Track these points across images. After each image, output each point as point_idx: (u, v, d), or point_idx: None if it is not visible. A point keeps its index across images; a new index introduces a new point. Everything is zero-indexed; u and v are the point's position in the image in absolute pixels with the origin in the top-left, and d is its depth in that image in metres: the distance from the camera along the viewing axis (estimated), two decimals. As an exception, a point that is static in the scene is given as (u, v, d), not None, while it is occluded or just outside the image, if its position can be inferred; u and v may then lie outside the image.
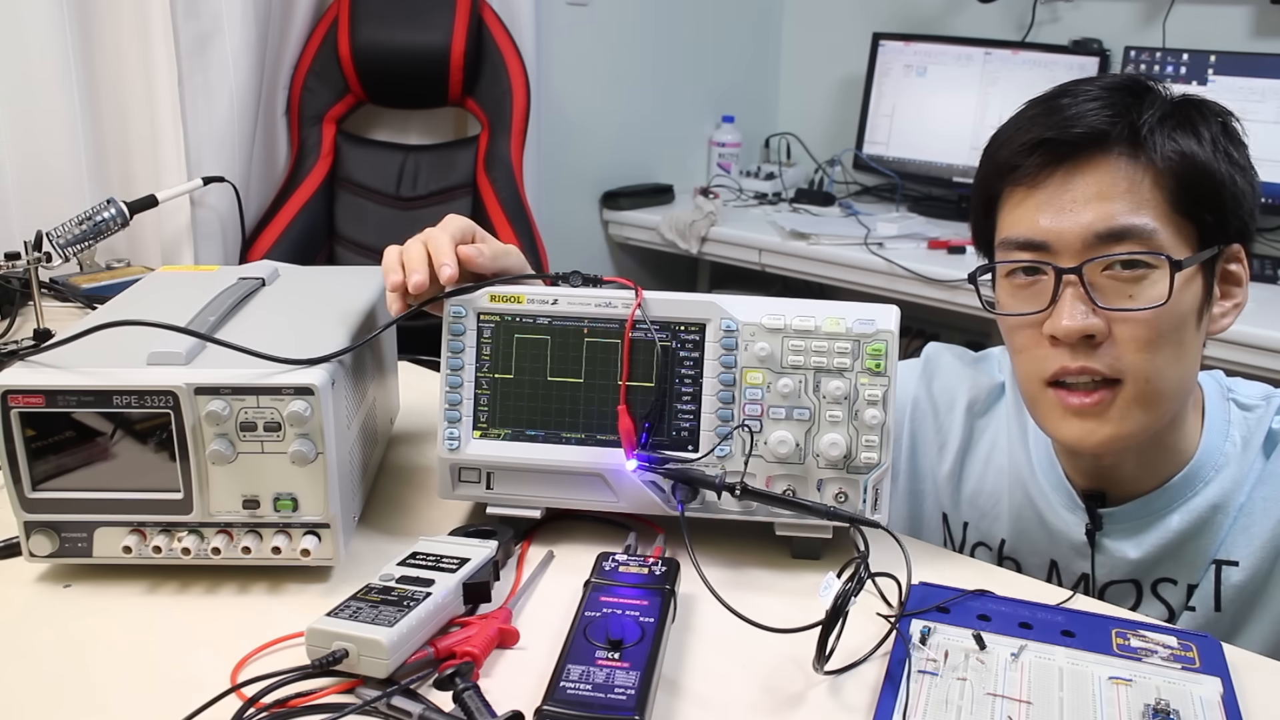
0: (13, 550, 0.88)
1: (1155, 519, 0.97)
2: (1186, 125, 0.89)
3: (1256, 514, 0.96)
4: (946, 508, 1.11)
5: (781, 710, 0.73)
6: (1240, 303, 0.94)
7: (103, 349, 0.84)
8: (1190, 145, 0.88)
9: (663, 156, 3.12)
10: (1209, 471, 0.97)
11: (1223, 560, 0.97)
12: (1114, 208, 0.87)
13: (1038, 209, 0.89)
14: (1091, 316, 0.87)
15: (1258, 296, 2.15)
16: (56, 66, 1.94)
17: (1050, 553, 1.03)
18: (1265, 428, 0.98)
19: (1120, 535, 0.98)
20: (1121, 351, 0.88)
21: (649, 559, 0.84)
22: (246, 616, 0.82)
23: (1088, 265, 0.87)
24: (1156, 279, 0.87)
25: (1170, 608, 0.99)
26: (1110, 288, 0.87)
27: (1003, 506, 1.06)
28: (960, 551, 1.10)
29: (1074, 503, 1.00)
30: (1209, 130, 0.89)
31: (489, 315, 0.91)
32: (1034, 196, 0.90)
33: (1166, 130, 0.88)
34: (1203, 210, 0.88)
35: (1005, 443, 1.07)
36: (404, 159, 2.43)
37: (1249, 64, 2.44)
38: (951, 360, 1.14)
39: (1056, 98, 0.91)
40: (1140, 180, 0.87)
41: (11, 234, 1.87)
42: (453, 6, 2.33)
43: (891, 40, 2.96)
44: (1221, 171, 0.88)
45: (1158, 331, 0.87)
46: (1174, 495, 0.97)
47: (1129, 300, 0.87)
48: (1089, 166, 0.88)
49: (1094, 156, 0.88)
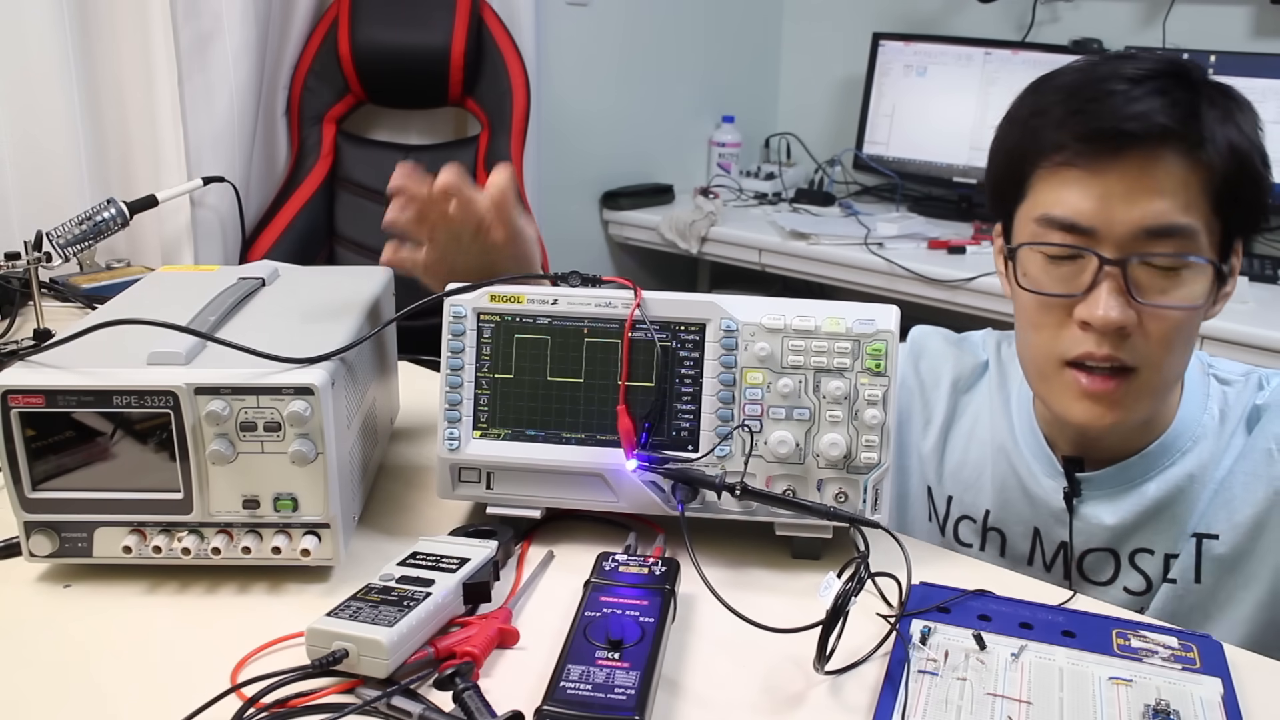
0: (13, 550, 0.88)
1: (1132, 486, 0.99)
2: (1233, 121, 0.89)
3: (1238, 489, 0.97)
4: (931, 482, 1.12)
5: (781, 710, 0.73)
6: (1230, 291, 0.95)
7: (103, 349, 0.84)
8: (1239, 143, 0.88)
9: (663, 156, 3.12)
10: (1185, 441, 0.98)
11: (1203, 533, 0.98)
12: (1165, 205, 0.86)
13: (1086, 194, 0.88)
14: (1128, 309, 0.88)
15: (1258, 296, 2.18)
16: (56, 66, 1.94)
17: (1033, 520, 1.05)
18: (1244, 403, 0.99)
19: (1097, 501, 1.00)
20: (1146, 344, 0.89)
21: (649, 559, 0.84)
22: (246, 616, 0.82)
23: (1131, 260, 0.87)
24: (1189, 279, 0.88)
25: (1148, 578, 1.01)
26: (1148, 283, 0.88)
27: (986, 478, 1.08)
28: (945, 526, 1.11)
29: (1054, 469, 1.02)
30: (1248, 124, 0.90)
31: (489, 315, 0.91)
32: (1083, 181, 0.88)
33: (1225, 130, 0.88)
34: (1239, 209, 0.89)
35: (988, 416, 1.09)
36: (404, 159, 2.42)
37: (1249, 64, 2.44)
38: (937, 340, 1.16)
39: (1107, 81, 0.89)
40: (1193, 180, 0.87)
41: (11, 234, 1.87)
42: (453, 6, 2.33)
43: (891, 40, 2.96)
44: (1259, 171, 0.89)
45: (1180, 327, 0.89)
46: (1150, 463, 0.99)
47: (1162, 296, 0.88)
48: (1147, 160, 0.87)
49: (1155, 152, 0.87)
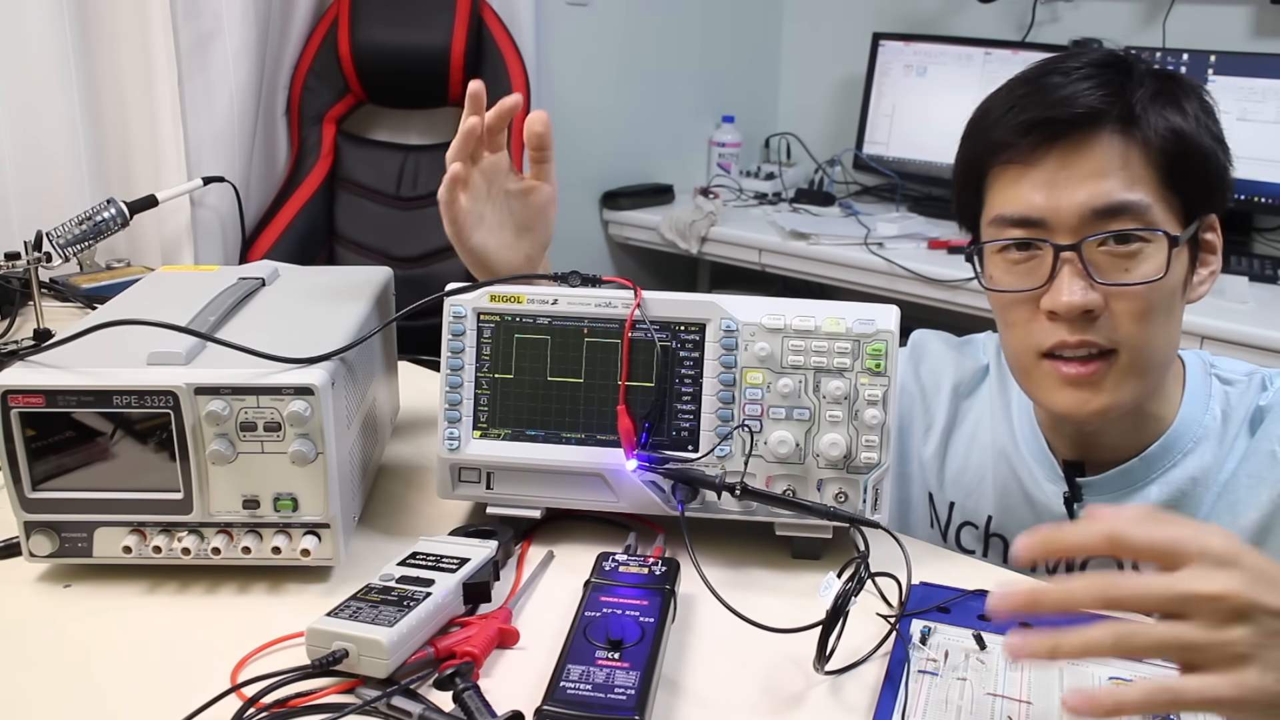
0: (13, 550, 0.88)
1: (1134, 490, 0.99)
2: (1173, 102, 0.90)
3: (1241, 491, 0.97)
4: (932, 487, 1.12)
5: (781, 710, 0.73)
6: (1215, 270, 0.95)
7: (103, 349, 0.84)
8: (1178, 121, 0.89)
9: (663, 156, 3.12)
10: (1187, 443, 0.98)
11: None
12: (1109, 185, 0.88)
13: (1033, 187, 0.90)
14: (1091, 292, 0.88)
15: (1258, 296, 2.18)
16: (56, 66, 1.94)
17: (1035, 526, 1.04)
18: (1247, 404, 0.99)
19: (1100, 505, 0.99)
20: (1117, 323, 0.89)
21: (649, 559, 0.84)
22: (246, 616, 0.82)
23: (1085, 242, 0.88)
24: (1150, 253, 0.89)
25: None
26: (1107, 263, 0.89)
27: (987, 483, 1.08)
28: (947, 533, 1.11)
29: (1055, 473, 1.02)
30: (1191, 105, 0.91)
31: (489, 315, 0.91)
32: (1029, 175, 0.90)
33: (1157, 107, 0.89)
34: (1191, 184, 0.90)
35: (989, 421, 1.09)
36: (404, 159, 2.43)
37: (1249, 64, 2.44)
38: (938, 345, 1.16)
39: (1045, 76, 0.92)
40: (1133, 157, 0.88)
41: (11, 234, 1.87)
42: (453, 6, 2.33)
43: (891, 40, 2.95)
44: (1206, 145, 0.91)
45: (1151, 304, 0.89)
46: (1152, 465, 0.98)
47: (1125, 275, 0.89)
48: (1084, 144, 0.89)
49: (1088, 135, 0.89)
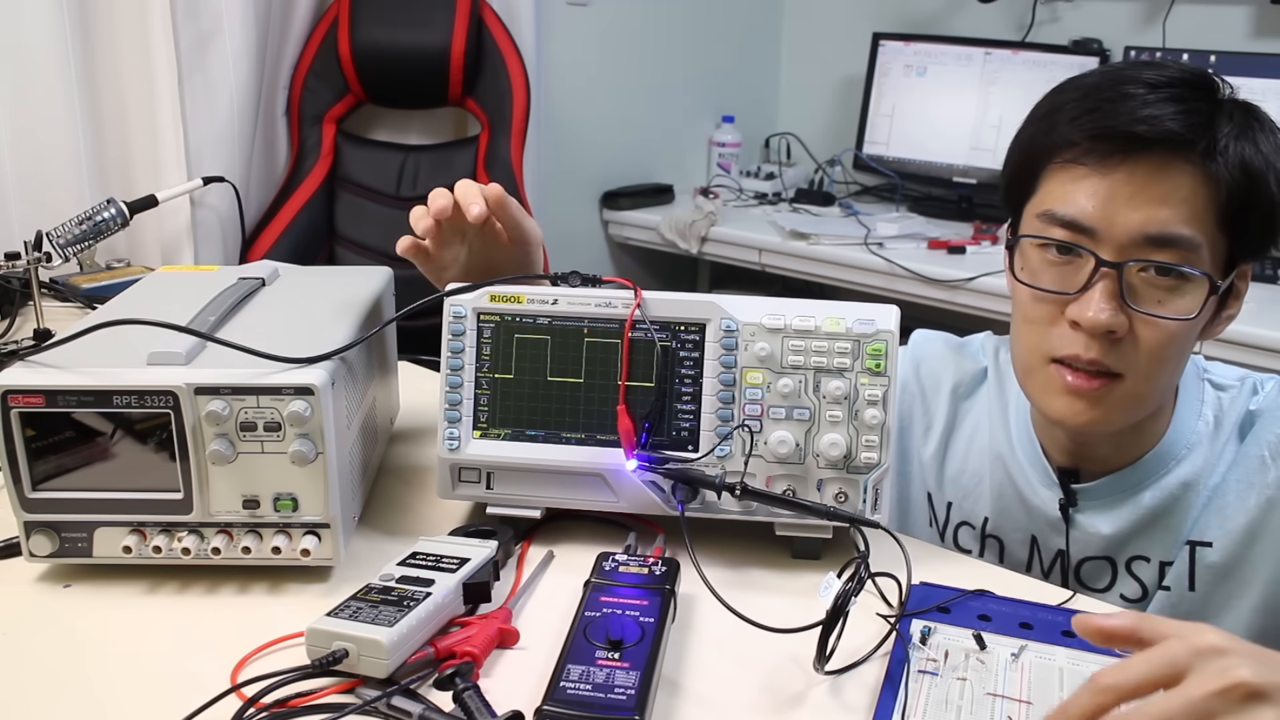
0: (13, 550, 0.88)
1: (1127, 495, 0.99)
2: (1250, 139, 0.88)
3: (1230, 496, 0.97)
4: (931, 488, 1.12)
5: (781, 710, 0.73)
6: (1234, 314, 0.94)
7: (103, 349, 0.84)
8: (1255, 162, 0.87)
9: (663, 156, 3.12)
10: (1180, 449, 0.98)
11: (1196, 541, 0.98)
12: (1168, 214, 0.86)
13: (1091, 193, 0.88)
14: (1119, 314, 0.87)
15: (1258, 296, 2.17)
16: (56, 67, 1.94)
17: (1030, 529, 1.05)
18: (1238, 409, 0.99)
19: (1093, 511, 1.00)
20: (1135, 352, 0.88)
21: (649, 559, 0.84)
22: (246, 616, 0.82)
23: (1128, 264, 0.87)
24: (1188, 291, 0.88)
25: (1144, 585, 1.01)
26: (1143, 290, 0.88)
27: (985, 485, 1.08)
28: (944, 532, 1.11)
29: (1050, 479, 1.02)
30: (1266, 145, 0.89)
31: (489, 315, 0.91)
32: (1091, 180, 0.88)
33: (1239, 146, 0.87)
34: (1247, 229, 0.88)
35: (987, 423, 1.09)
36: (404, 159, 2.43)
37: (1249, 64, 2.44)
38: (938, 345, 1.15)
39: (1125, 84, 0.89)
40: (1200, 192, 0.86)
41: (11, 234, 1.86)
42: (453, 6, 2.33)
43: (891, 40, 2.95)
44: (1272, 190, 0.88)
45: (1173, 338, 0.88)
46: (1146, 472, 0.98)
47: (1158, 306, 0.88)
48: (1159, 168, 0.86)
49: (1166, 160, 0.86)
